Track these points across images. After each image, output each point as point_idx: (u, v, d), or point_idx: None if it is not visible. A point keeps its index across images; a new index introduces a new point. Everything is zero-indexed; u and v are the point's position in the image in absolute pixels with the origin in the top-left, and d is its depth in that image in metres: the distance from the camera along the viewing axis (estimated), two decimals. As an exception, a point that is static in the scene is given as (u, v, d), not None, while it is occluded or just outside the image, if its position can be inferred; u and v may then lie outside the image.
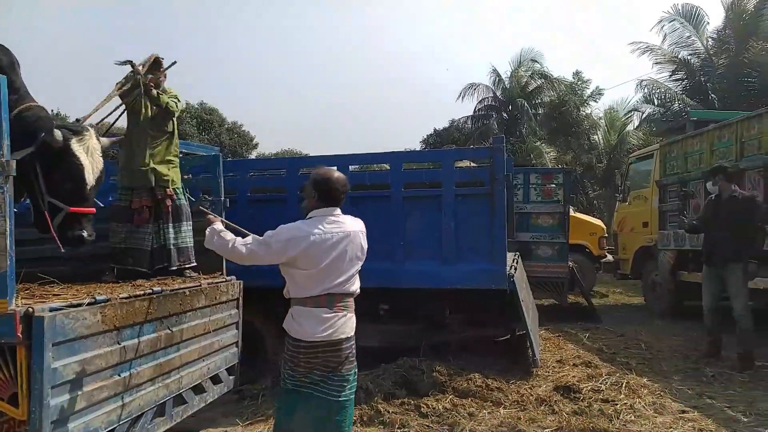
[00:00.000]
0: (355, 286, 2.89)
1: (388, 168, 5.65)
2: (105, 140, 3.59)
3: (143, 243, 4.10)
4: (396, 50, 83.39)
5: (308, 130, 61.56)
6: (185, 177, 4.79)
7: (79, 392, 2.75)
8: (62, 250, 3.35)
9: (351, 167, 5.71)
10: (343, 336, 2.78)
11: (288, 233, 2.75)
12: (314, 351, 2.73)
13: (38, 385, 2.51)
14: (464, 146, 24.86)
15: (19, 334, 2.49)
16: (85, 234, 3.27)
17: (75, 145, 3.23)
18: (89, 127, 3.40)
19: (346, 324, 2.81)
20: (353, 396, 2.88)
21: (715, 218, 5.82)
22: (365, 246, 2.95)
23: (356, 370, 2.89)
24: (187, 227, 4.32)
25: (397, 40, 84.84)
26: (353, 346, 2.87)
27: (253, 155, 31.87)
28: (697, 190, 7.24)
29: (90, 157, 3.28)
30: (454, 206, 5.28)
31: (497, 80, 26.25)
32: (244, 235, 2.97)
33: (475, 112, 26.97)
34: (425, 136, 32.87)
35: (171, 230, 4.20)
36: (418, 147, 32.76)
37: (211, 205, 4.81)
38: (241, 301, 4.51)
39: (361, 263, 2.91)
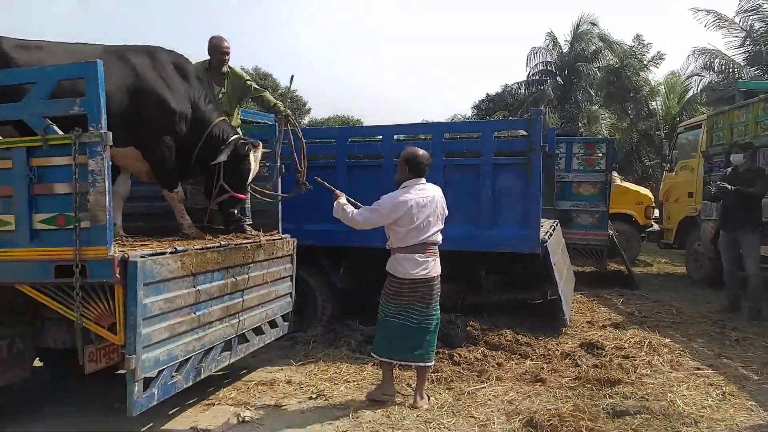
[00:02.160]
0: (439, 237, 3.92)
1: (431, 138, 6.01)
2: (262, 151, 4.59)
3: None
4: (448, 16, 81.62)
5: (358, 96, 61.72)
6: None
7: (164, 325, 3.34)
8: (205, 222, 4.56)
9: (395, 137, 6.10)
10: (434, 274, 3.85)
11: (391, 201, 3.80)
12: (414, 285, 3.80)
13: (132, 316, 3.09)
14: (518, 111, 24.84)
15: (117, 275, 3.08)
16: (236, 212, 4.49)
17: (252, 155, 4.32)
18: (260, 142, 4.52)
19: (435, 265, 3.88)
20: (438, 322, 3.99)
21: (738, 192, 6.31)
22: (445, 205, 3.98)
23: (437, 306, 3.94)
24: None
25: (454, 6, 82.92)
26: (439, 285, 3.92)
27: (305, 121, 32.52)
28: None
29: (255, 163, 4.39)
30: (492, 175, 5.59)
31: (553, 44, 25.74)
32: (355, 205, 4.11)
33: (529, 77, 26.63)
34: (477, 102, 32.68)
35: None
36: (469, 113, 32.65)
37: (267, 170, 5.34)
38: (294, 257, 5.05)
39: (443, 219, 3.95)
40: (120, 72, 3.85)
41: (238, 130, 4.57)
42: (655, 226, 10.86)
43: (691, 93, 19.23)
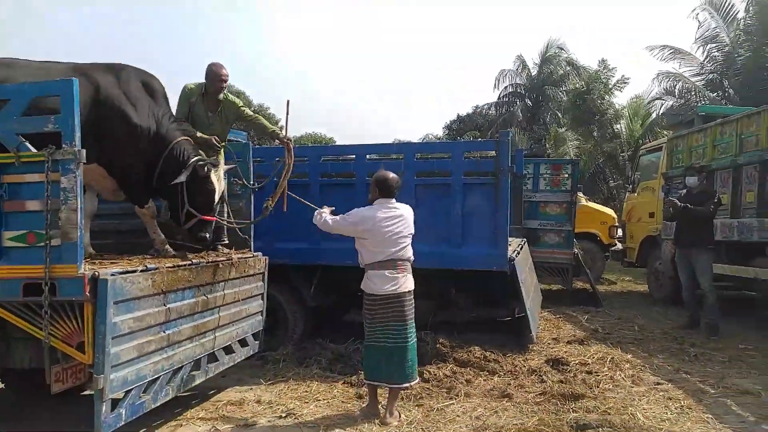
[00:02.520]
0: (409, 253, 4.06)
1: (403, 157, 6.13)
2: (225, 167, 4.58)
3: None
4: (421, 37, 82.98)
5: (330, 115, 62.02)
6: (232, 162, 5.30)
7: (133, 344, 3.33)
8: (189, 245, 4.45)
9: (368, 156, 6.20)
10: (404, 289, 3.96)
11: (360, 213, 4.03)
12: (386, 302, 3.91)
13: (101, 335, 3.08)
14: (488, 131, 25.33)
15: (87, 293, 3.07)
16: (207, 236, 4.30)
17: (213, 175, 4.21)
18: (221, 161, 4.41)
19: (406, 281, 4.00)
20: (414, 340, 4.05)
21: (686, 209, 6.66)
22: (412, 223, 4.14)
23: (412, 323, 4.02)
24: (222, 208, 4.85)
25: (423, 27, 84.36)
26: (413, 301, 4.03)
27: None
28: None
29: (219, 183, 4.30)
30: (462, 194, 5.73)
31: (522, 67, 26.42)
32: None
33: (499, 98, 27.23)
34: (448, 122, 33.18)
35: None
36: (440, 132, 33.11)
37: (242, 187, 5.37)
38: (266, 275, 5.07)
39: (411, 236, 4.10)
40: (84, 89, 3.79)
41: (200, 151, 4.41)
42: (619, 245, 11.19)
43: (653, 116, 19.93)
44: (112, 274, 3.18)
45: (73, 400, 4.31)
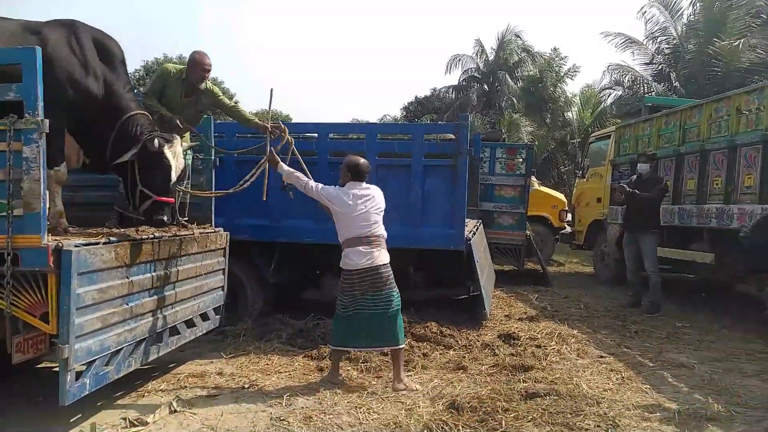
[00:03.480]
0: (381, 230, 4.29)
1: (365, 137, 6.22)
2: (185, 144, 4.30)
3: None
4: (381, 18, 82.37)
5: (288, 92, 61.09)
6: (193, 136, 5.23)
7: (97, 315, 3.34)
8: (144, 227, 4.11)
9: (330, 135, 6.25)
10: (380, 263, 4.19)
11: (335, 192, 4.27)
12: (362, 275, 4.15)
13: (66, 306, 3.09)
14: (445, 114, 25.60)
15: (51, 264, 3.06)
16: (165, 218, 3.94)
17: (167, 151, 3.85)
18: (177, 136, 4.04)
19: (381, 255, 4.23)
20: (398, 308, 4.28)
21: (634, 194, 7.02)
22: (383, 203, 4.38)
23: (397, 292, 4.28)
24: (187, 185, 4.79)
25: (383, 9, 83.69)
26: (390, 272, 4.26)
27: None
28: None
29: (175, 159, 3.93)
30: (422, 175, 5.87)
31: (480, 52, 26.71)
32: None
33: (459, 82, 27.50)
34: (406, 104, 33.25)
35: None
36: (398, 114, 33.18)
37: (202, 163, 5.36)
38: (227, 251, 5.10)
39: (381, 214, 4.33)
40: (29, 43, 3.55)
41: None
42: (568, 229, 11.65)
43: (603, 105, 20.62)
44: (76, 245, 3.18)
45: (29, 375, 4.27)
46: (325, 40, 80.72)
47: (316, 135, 6.13)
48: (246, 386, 4.21)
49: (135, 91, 4.26)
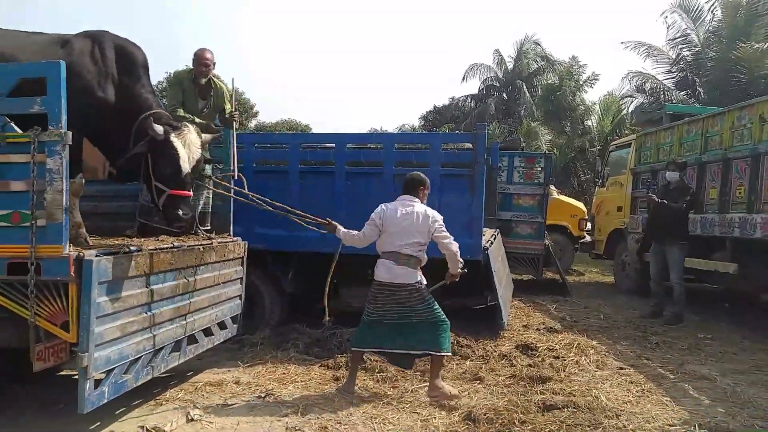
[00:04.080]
0: (412, 250, 4.19)
1: (382, 147, 6.24)
2: (207, 136, 4.12)
3: None
4: (401, 27, 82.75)
5: (308, 102, 61.60)
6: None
7: (116, 323, 3.39)
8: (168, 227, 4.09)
9: (348, 145, 6.29)
10: (402, 282, 4.18)
11: (375, 210, 4.28)
12: (381, 288, 4.21)
13: (86, 315, 3.14)
14: (463, 123, 25.60)
15: (72, 273, 3.12)
16: (180, 213, 3.81)
17: (174, 138, 3.73)
18: (189, 124, 3.96)
19: (404, 274, 4.18)
20: (440, 318, 4.26)
21: (663, 204, 6.91)
22: (426, 227, 4.21)
23: (428, 308, 4.22)
24: (207, 194, 4.84)
25: (403, 16, 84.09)
26: (415, 291, 4.21)
27: (252, 124, 32.20)
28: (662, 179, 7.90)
29: (187, 148, 3.79)
30: (439, 184, 5.86)
31: (500, 61, 26.70)
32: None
33: (478, 91, 27.50)
34: (425, 113, 33.31)
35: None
36: (416, 123, 33.23)
37: (221, 173, 5.42)
38: (245, 260, 5.14)
39: (421, 238, 4.21)
40: (54, 55, 3.66)
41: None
42: (588, 238, 11.52)
43: (624, 113, 20.43)
44: (97, 255, 3.24)
45: (49, 382, 4.34)
46: (344, 49, 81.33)
47: (333, 145, 6.17)
48: (262, 395, 4.23)
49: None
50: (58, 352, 3.72)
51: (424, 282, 4.34)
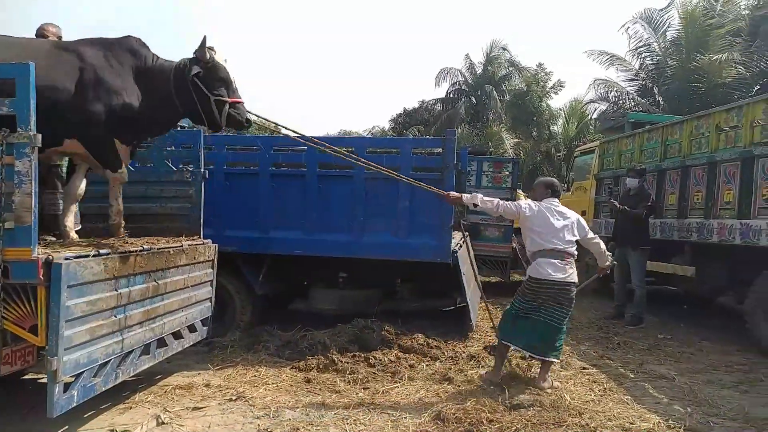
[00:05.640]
0: (573, 250, 4.51)
1: (353, 150, 6.28)
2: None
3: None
4: (370, 29, 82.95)
5: (279, 104, 61.17)
6: (169, 148, 5.31)
7: (85, 327, 3.35)
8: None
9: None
10: (571, 280, 4.45)
11: (535, 207, 4.57)
12: (549, 287, 4.41)
13: (55, 318, 3.10)
14: (433, 126, 25.82)
15: (41, 277, 3.08)
16: (247, 115, 4.24)
17: (216, 56, 4.11)
18: (214, 50, 4.21)
19: (573, 274, 4.47)
20: (567, 326, 4.65)
21: (624, 211, 7.18)
22: (580, 229, 4.61)
23: (567, 312, 4.50)
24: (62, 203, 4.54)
25: (372, 20, 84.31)
26: (573, 290, 4.49)
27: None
28: (623, 186, 8.16)
29: (226, 63, 4.18)
30: (410, 188, 5.95)
31: (470, 65, 27.03)
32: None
33: (447, 95, 27.75)
34: (395, 115, 33.41)
35: None
36: (387, 126, 33.34)
37: (191, 175, 5.39)
38: (215, 262, 5.12)
39: (575, 237, 4.53)
40: (71, 66, 3.79)
41: None
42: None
43: (588, 119, 20.96)
44: (66, 258, 3.21)
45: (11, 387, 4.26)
46: (315, 50, 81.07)
47: (305, 148, 6.19)
48: (233, 398, 4.23)
49: None
50: (25, 355, 3.68)
51: None
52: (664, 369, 5.21)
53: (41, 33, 4.41)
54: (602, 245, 4.83)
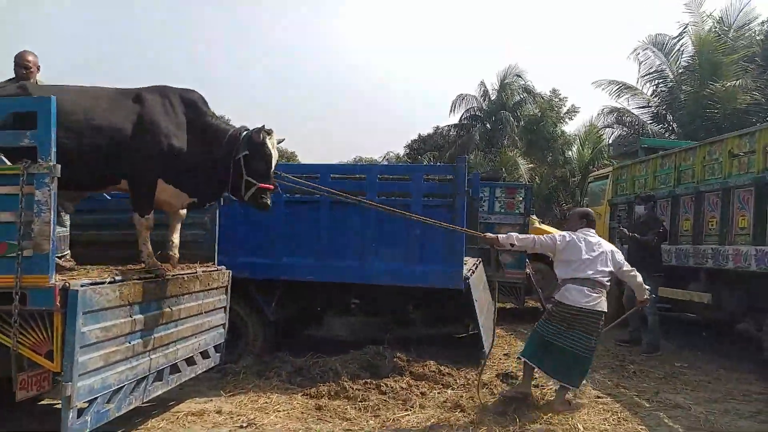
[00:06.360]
0: (605, 280, 4.57)
1: (365, 178, 6.38)
2: (279, 138, 4.50)
3: None
4: (386, 55, 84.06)
5: (294, 130, 61.88)
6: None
7: (100, 353, 3.42)
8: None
9: (332, 175, 6.41)
10: (599, 309, 4.51)
11: (569, 237, 4.67)
12: (577, 313, 4.47)
13: (70, 344, 3.17)
14: (447, 152, 25.95)
15: (57, 303, 3.17)
16: (268, 202, 4.27)
17: (268, 141, 4.19)
18: (273, 130, 4.35)
19: (602, 302, 4.53)
20: (592, 355, 4.69)
21: (633, 238, 7.16)
22: (615, 260, 4.65)
23: (592, 341, 4.56)
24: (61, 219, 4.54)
25: (387, 49, 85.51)
26: (601, 320, 4.56)
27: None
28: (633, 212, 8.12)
29: (274, 149, 4.28)
30: (421, 214, 5.99)
31: (484, 92, 27.21)
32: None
33: (460, 120, 27.92)
34: (410, 141, 33.70)
35: None
36: (401, 151, 33.60)
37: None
38: (229, 288, 5.19)
39: (609, 269, 4.60)
40: (129, 108, 4.01)
41: None
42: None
43: (602, 144, 20.92)
44: (83, 285, 3.28)
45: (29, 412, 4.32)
46: (332, 75, 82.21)
47: (318, 175, 6.29)
48: (244, 425, 4.25)
49: None
50: (41, 381, 3.74)
51: None
52: (680, 398, 5.12)
53: (21, 61, 4.45)
54: (639, 278, 4.83)
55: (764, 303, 6.01)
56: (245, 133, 4.19)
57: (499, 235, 4.88)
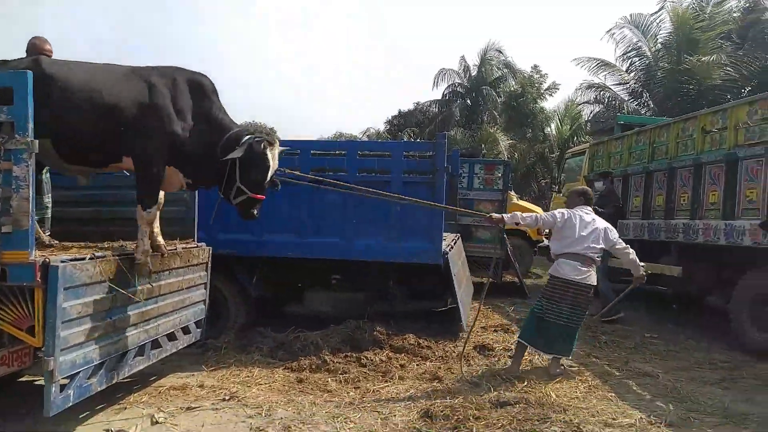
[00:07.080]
0: (596, 256, 4.80)
1: (345, 154, 6.40)
2: (282, 149, 4.36)
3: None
4: (366, 31, 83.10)
5: (274, 107, 61.22)
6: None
7: (81, 328, 3.46)
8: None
9: (312, 151, 6.42)
10: (589, 283, 4.75)
11: (560, 210, 4.97)
12: (567, 286, 4.73)
13: (52, 319, 3.21)
14: (428, 128, 25.95)
15: (38, 279, 3.18)
16: (255, 213, 4.15)
17: (269, 152, 4.04)
18: (278, 140, 4.22)
19: (591, 277, 4.78)
20: (579, 326, 4.96)
21: (595, 210, 7.20)
22: (608, 237, 4.83)
23: (582, 314, 4.85)
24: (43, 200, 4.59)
25: (370, 21, 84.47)
26: (591, 293, 4.84)
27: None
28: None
29: (274, 161, 4.13)
30: (401, 191, 6.04)
31: (465, 68, 27.12)
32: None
33: (442, 97, 27.84)
34: (390, 117, 33.56)
35: None
36: (382, 127, 33.47)
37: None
38: (209, 265, 5.22)
39: (601, 246, 4.81)
40: (138, 87, 3.94)
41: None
42: (546, 242, 11.86)
43: (581, 120, 21.11)
44: (63, 261, 3.30)
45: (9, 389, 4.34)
46: (312, 52, 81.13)
47: (298, 152, 6.28)
48: (226, 398, 4.32)
49: None
50: (22, 356, 3.77)
51: None
52: (649, 367, 5.32)
53: (34, 49, 4.40)
54: (632, 254, 4.93)
55: (731, 276, 6.22)
56: (247, 138, 4.01)
57: (504, 215, 5.11)
